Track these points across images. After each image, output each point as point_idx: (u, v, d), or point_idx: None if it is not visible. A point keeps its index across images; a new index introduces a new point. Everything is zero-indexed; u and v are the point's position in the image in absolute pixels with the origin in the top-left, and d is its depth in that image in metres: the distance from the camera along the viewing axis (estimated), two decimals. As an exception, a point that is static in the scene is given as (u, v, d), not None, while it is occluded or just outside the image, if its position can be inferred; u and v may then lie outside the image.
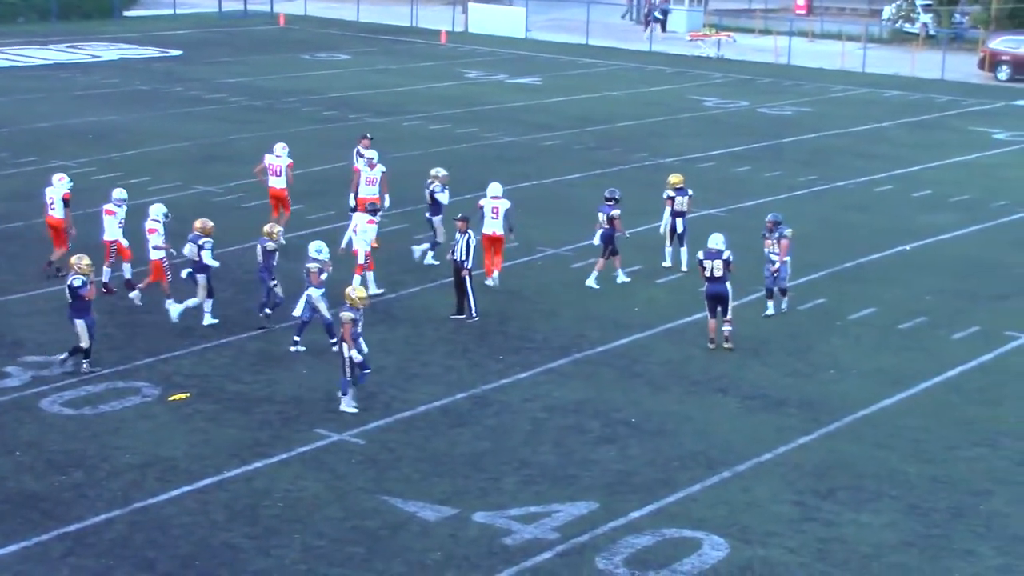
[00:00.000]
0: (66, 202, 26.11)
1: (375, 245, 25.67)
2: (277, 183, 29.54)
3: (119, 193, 25.80)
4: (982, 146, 41.85)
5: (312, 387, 20.88)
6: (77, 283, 21.12)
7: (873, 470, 18.35)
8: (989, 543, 16.46)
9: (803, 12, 77.68)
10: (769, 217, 24.85)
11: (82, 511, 16.77)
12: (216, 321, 23.53)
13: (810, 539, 16.43)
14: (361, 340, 20.00)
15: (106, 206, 25.54)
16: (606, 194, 26.17)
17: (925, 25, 67.70)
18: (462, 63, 58.23)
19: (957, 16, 68.46)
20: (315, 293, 22.43)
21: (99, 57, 57.29)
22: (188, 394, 20.52)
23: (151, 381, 21.03)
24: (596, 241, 26.12)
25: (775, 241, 24.40)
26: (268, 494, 17.30)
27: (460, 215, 24.31)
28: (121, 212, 25.48)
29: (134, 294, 24.67)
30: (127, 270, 25.52)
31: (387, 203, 28.80)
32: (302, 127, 41.48)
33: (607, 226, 25.83)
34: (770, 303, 24.69)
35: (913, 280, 26.99)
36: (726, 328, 22.90)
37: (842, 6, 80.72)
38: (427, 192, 27.25)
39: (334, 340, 22.03)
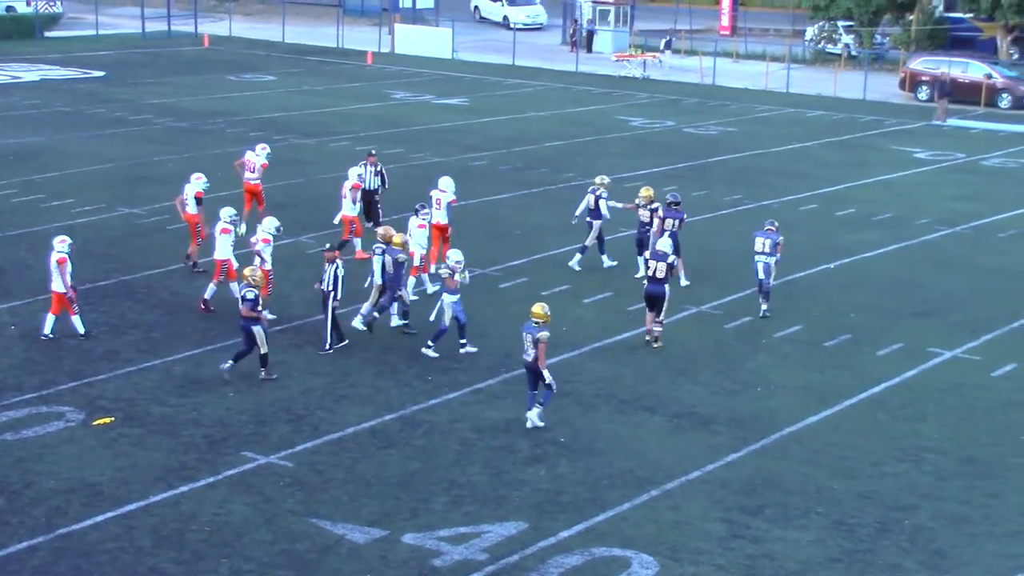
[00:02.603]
0: (199, 200, 27.51)
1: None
2: (252, 178, 30.94)
3: (229, 213, 25.80)
4: (904, 165, 42.37)
5: (239, 410, 20.73)
6: (250, 295, 21.59)
7: (800, 487, 18.49)
8: (914, 558, 16.63)
9: (727, 33, 78.36)
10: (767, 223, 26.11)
11: (4, 538, 16.54)
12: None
13: (739, 556, 16.52)
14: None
15: (221, 225, 25.44)
16: (671, 199, 27.37)
17: (847, 46, 68.48)
18: (389, 84, 58.21)
19: (878, 37, 69.33)
20: (448, 299, 22.91)
21: (20, 78, 56.70)
22: (113, 418, 20.30)
23: (75, 405, 20.78)
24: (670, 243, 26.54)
25: (770, 242, 25.49)
26: (195, 518, 17.15)
27: (328, 245, 24.14)
28: (235, 231, 25.86)
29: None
30: (235, 289, 25.12)
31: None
32: (228, 148, 41.22)
33: (675, 230, 26.74)
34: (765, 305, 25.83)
35: (838, 298, 27.25)
36: (656, 329, 23.40)
37: (766, 27, 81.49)
38: (593, 197, 28.47)
39: (464, 342, 23.16)
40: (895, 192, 38.13)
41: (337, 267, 23.18)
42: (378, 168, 30.56)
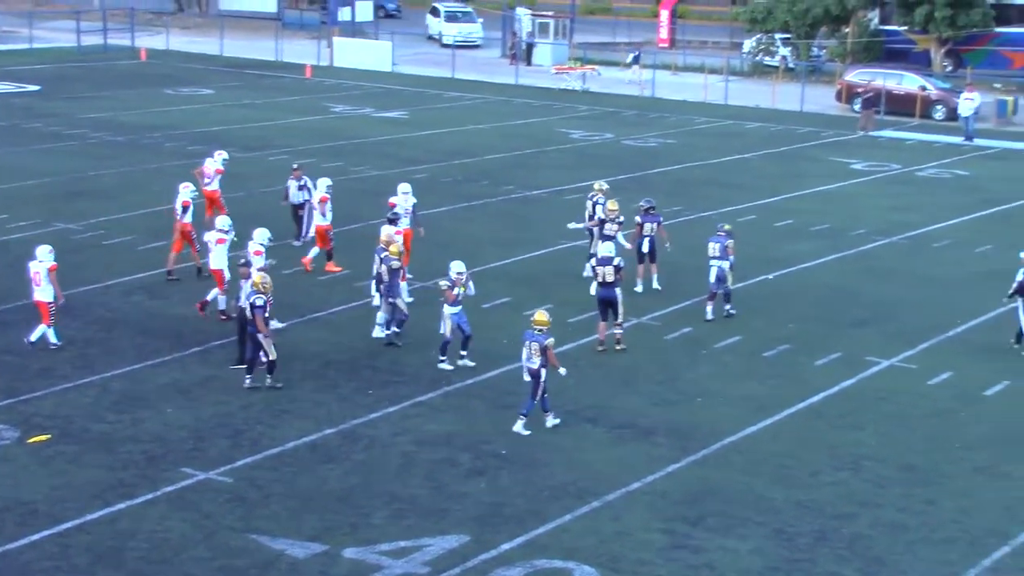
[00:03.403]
0: (185, 209, 27.60)
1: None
2: (210, 185, 31.14)
3: (225, 222, 26.08)
4: (840, 176, 42.71)
5: (178, 426, 20.58)
6: (259, 302, 21.70)
7: (740, 496, 18.58)
8: (852, 565, 16.74)
9: (666, 45, 78.74)
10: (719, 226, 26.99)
11: (-60, 557, 16.35)
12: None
13: (679, 566, 16.57)
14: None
15: (216, 235, 25.70)
16: (646, 204, 28.19)
17: (784, 58, 68.98)
18: (328, 97, 58.07)
19: (815, 50, 69.88)
20: (448, 311, 22.92)
21: (-45, 93, 56.16)
22: (49, 435, 20.10)
23: (10, 423, 20.55)
24: (643, 249, 27.85)
25: (719, 246, 26.13)
26: (133, 535, 17.00)
27: (243, 261, 24.09)
28: (229, 239, 26.00)
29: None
30: (221, 301, 25.64)
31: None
32: (166, 162, 41.00)
33: (653, 235, 27.69)
34: (726, 307, 26.43)
35: (776, 308, 27.42)
36: (617, 331, 23.77)
37: (704, 39, 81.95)
38: (591, 204, 28.98)
39: (465, 353, 23.24)
40: (832, 203, 38.43)
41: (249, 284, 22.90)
42: (303, 182, 30.36)
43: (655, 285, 28.10)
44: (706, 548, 17.05)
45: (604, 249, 24.62)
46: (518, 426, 20.61)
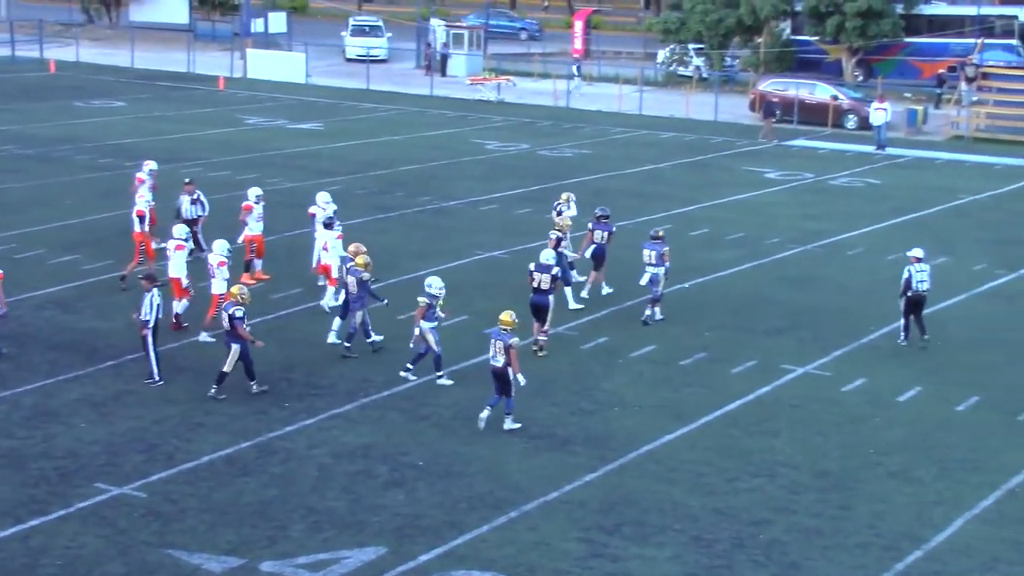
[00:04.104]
0: (140, 219, 27.99)
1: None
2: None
3: (183, 230, 26.15)
4: (754, 185, 43.15)
5: (91, 440, 20.39)
6: (239, 314, 21.90)
7: (657, 504, 18.72)
8: (768, 571, 16.93)
9: (580, 56, 79.09)
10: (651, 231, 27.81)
11: None
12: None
13: (597, 575, 16.66)
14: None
15: (175, 242, 25.65)
16: (599, 212, 28.67)
17: (698, 68, 69.61)
18: (241, 109, 57.77)
19: (728, 59, 70.57)
20: (425, 326, 22.84)
21: None
22: (-41, 452, 19.85)
23: (-81, 440, 20.28)
24: (587, 256, 28.37)
25: (655, 253, 26.78)
26: (46, 552, 16.82)
27: (144, 273, 23.93)
28: (188, 248, 26.13)
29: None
30: (175, 306, 25.64)
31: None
32: (77, 176, 40.60)
33: (602, 242, 28.19)
34: (655, 310, 27.01)
35: (693, 317, 27.64)
36: (541, 338, 24.02)
37: (618, 50, 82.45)
38: (555, 213, 29.51)
39: (440, 374, 23.06)
40: (747, 212, 38.81)
41: (153, 295, 22.73)
42: (196, 196, 30.00)
43: (604, 291, 28.60)
44: (624, 556, 17.16)
45: (544, 256, 25.09)
46: (482, 417, 21.18)
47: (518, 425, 21.28)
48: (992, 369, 25.02)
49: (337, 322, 25.12)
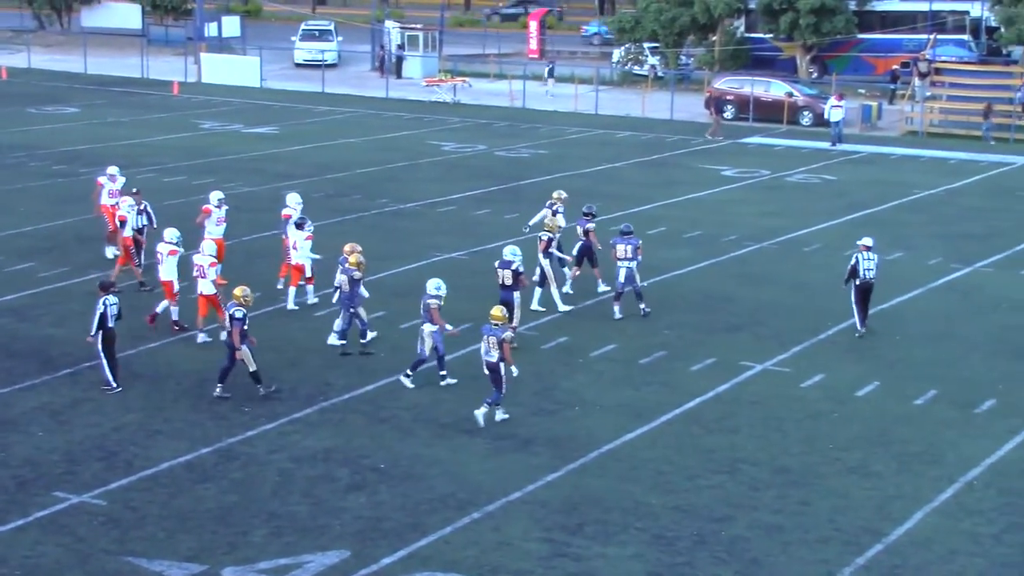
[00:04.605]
0: (122, 223, 28.60)
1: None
2: (109, 202, 31.01)
3: (175, 234, 26.16)
4: (711, 183, 43.32)
5: (49, 449, 20.27)
6: (239, 315, 22.00)
7: (619, 503, 18.77)
8: (731, 568, 17.01)
9: (536, 56, 79.25)
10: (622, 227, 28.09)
11: None
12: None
13: (560, 574, 16.70)
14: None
15: (169, 247, 25.83)
16: (584, 209, 28.98)
17: (653, 67, 69.82)
18: (196, 114, 57.55)
19: (683, 58, 70.83)
20: (429, 329, 22.88)
21: None
22: (-84, 463, 19.70)
23: None
24: (573, 253, 28.61)
25: (631, 247, 27.10)
26: (4, 562, 16.71)
27: (101, 280, 23.83)
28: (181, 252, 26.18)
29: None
30: (173, 311, 25.84)
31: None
32: (30, 183, 40.34)
33: (583, 239, 28.50)
34: (618, 307, 27.30)
35: (651, 315, 27.69)
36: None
37: (573, 50, 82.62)
38: (549, 212, 29.49)
39: (444, 373, 23.11)
40: (704, 210, 38.96)
41: (106, 302, 22.62)
42: (142, 206, 29.67)
43: (600, 288, 28.77)
44: (586, 556, 17.21)
45: (506, 253, 25.27)
46: (478, 412, 21.41)
47: (507, 416, 21.69)
48: (949, 363, 25.21)
49: (338, 323, 25.16)
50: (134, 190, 30.54)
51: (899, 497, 19.21)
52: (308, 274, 27.45)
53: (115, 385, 22.66)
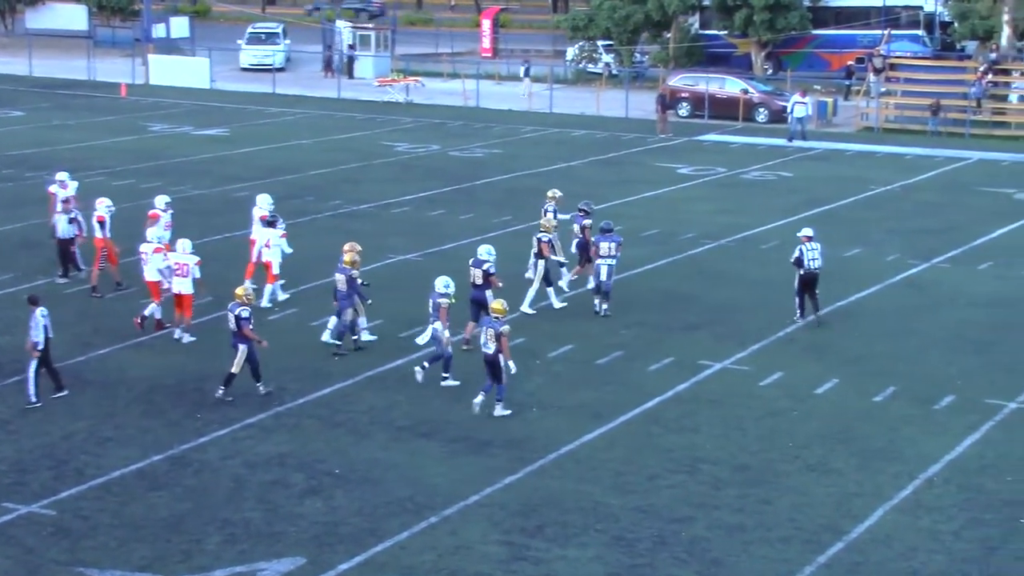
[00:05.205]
0: (101, 224, 28.39)
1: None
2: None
3: (158, 234, 26.49)
4: (668, 181, 43.41)
5: (-3, 459, 20.10)
6: (244, 314, 22.24)
7: (578, 504, 18.75)
8: (691, 568, 17.02)
9: (489, 55, 79.20)
10: (602, 224, 28.31)
11: None
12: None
13: (520, 578, 16.69)
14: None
15: (153, 245, 26.11)
16: (580, 206, 29.58)
17: (608, 65, 69.94)
18: (145, 116, 57.20)
19: (637, 55, 70.97)
20: (440, 326, 22.96)
21: None
22: None
23: None
24: (572, 250, 29.08)
25: (614, 244, 27.52)
26: (-47, 575, 16.56)
27: (29, 294, 23.65)
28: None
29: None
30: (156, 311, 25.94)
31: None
32: (-24, 187, 39.99)
33: (580, 236, 28.97)
34: (598, 301, 27.63)
35: (609, 315, 27.69)
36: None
37: (527, 47, 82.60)
38: (543, 212, 29.75)
39: (447, 375, 23.19)
40: (660, 208, 39.03)
41: (37, 315, 22.34)
42: (73, 215, 29.33)
43: (590, 284, 28.69)
44: (546, 559, 17.18)
45: (481, 251, 25.39)
46: (477, 402, 21.90)
47: (508, 412, 21.91)
48: (908, 359, 25.34)
49: (333, 321, 25.14)
50: (64, 198, 30.08)
51: (859, 494, 19.28)
52: (275, 271, 27.69)
53: (35, 400, 22.22)
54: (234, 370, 22.41)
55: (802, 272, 26.98)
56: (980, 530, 18.20)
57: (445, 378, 23.35)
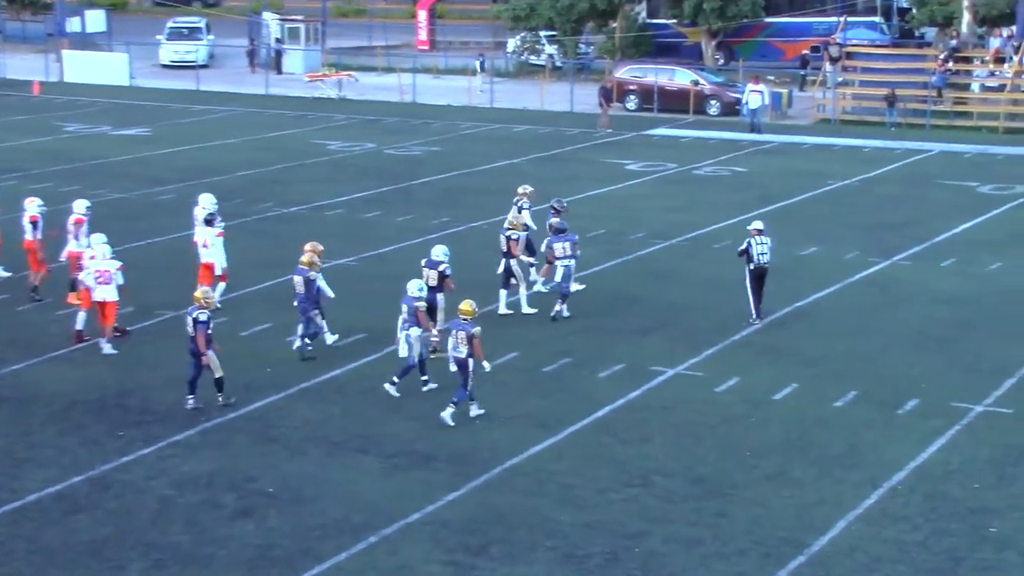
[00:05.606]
0: (34, 224, 28.17)
1: None
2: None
3: (101, 238, 26.22)
4: (616, 178, 43.50)
5: (-95, 483, 19.86)
6: (202, 318, 22.28)
7: (525, 520, 18.72)
8: (647, 585, 17.06)
9: (426, 48, 79.20)
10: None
11: None
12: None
13: (465, 599, 16.65)
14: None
15: (90, 252, 26.00)
16: (552, 203, 29.81)
17: (551, 57, 70.08)
18: (60, 115, 56.79)
19: (582, 47, 71.13)
20: (415, 333, 22.94)
21: None
22: None
23: None
24: (543, 249, 28.83)
25: (569, 244, 27.66)
26: None
27: None
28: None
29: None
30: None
31: None
32: None
33: (551, 234, 28.57)
34: (563, 306, 27.66)
35: (567, 317, 27.64)
36: (433, 338, 24.47)
37: (465, 39, 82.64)
38: (515, 209, 30.00)
39: (425, 378, 23.39)
40: (608, 206, 39.10)
41: None
42: None
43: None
44: (492, 578, 17.16)
45: (435, 252, 25.46)
46: (446, 414, 21.91)
47: (482, 411, 22.30)
48: (869, 361, 25.47)
49: (300, 327, 25.19)
50: None
51: (820, 504, 19.35)
52: (219, 272, 27.70)
53: None
54: (218, 374, 22.52)
55: (752, 267, 27.20)
56: (946, 540, 18.30)
57: (425, 382, 23.50)
